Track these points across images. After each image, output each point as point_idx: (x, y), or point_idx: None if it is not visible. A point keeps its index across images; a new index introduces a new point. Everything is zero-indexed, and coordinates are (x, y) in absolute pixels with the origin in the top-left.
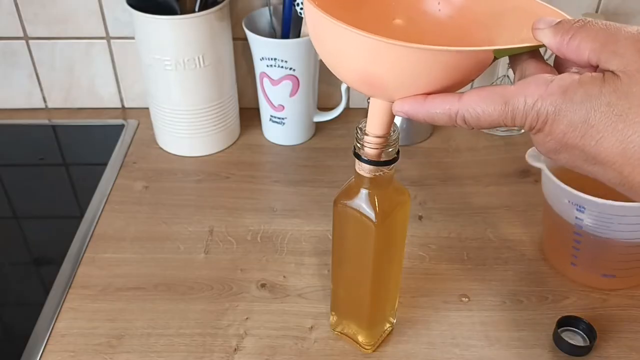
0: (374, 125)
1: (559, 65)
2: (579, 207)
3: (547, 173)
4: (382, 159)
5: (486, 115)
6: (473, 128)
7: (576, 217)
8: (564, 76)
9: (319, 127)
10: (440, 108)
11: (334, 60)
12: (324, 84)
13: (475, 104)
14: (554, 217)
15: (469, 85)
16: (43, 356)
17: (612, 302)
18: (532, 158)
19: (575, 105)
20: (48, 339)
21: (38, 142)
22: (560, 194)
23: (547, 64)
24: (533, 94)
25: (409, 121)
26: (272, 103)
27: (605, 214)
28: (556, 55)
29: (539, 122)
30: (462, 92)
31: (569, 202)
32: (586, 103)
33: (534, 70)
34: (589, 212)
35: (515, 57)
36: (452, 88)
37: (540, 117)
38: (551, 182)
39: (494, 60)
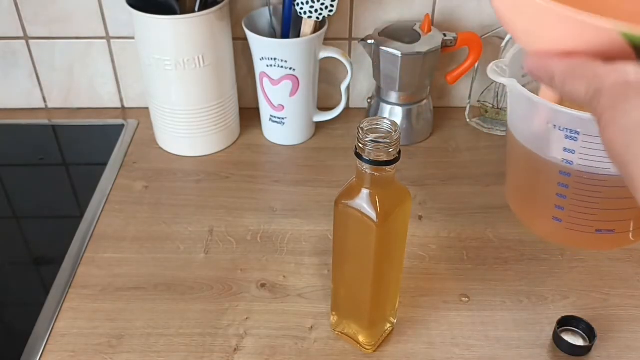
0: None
1: None
2: (571, 132)
3: (519, 89)
4: (383, 159)
5: None
6: None
7: (564, 149)
8: None
9: (319, 127)
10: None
11: None
12: (324, 84)
13: None
14: (528, 156)
15: None
16: (43, 356)
17: (612, 302)
18: (494, 73)
19: None
20: (48, 339)
21: (38, 142)
22: (539, 118)
23: None
24: None
25: (409, 121)
26: (272, 103)
27: None
28: None
29: None
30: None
31: (554, 127)
32: None
33: None
34: (584, 138)
35: None
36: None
37: None
38: (526, 102)
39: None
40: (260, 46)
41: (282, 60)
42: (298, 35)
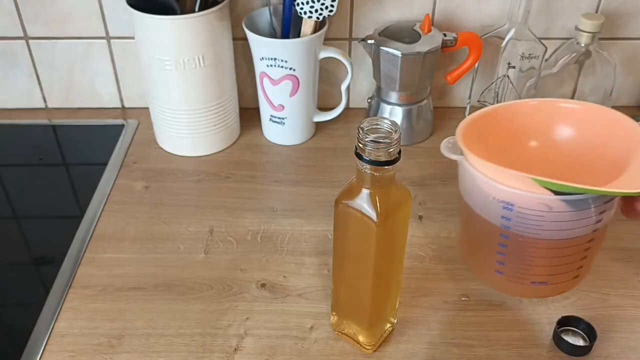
0: None
1: None
2: (506, 204)
3: (467, 167)
4: (383, 159)
5: None
6: None
7: (502, 217)
8: None
9: (319, 127)
10: None
11: None
12: (324, 84)
13: None
14: (475, 219)
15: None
16: (43, 356)
17: (612, 302)
18: (447, 150)
19: None
20: (48, 339)
21: (38, 142)
22: (483, 191)
23: None
24: None
25: (409, 121)
26: (272, 103)
27: (538, 211)
28: None
29: None
30: None
31: (494, 199)
32: None
33: None
34: (518, 209)
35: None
36: None
37: None
38: (472, 178)
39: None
40: (260, 46)
41: (282, 60)
42: (298, 35)
